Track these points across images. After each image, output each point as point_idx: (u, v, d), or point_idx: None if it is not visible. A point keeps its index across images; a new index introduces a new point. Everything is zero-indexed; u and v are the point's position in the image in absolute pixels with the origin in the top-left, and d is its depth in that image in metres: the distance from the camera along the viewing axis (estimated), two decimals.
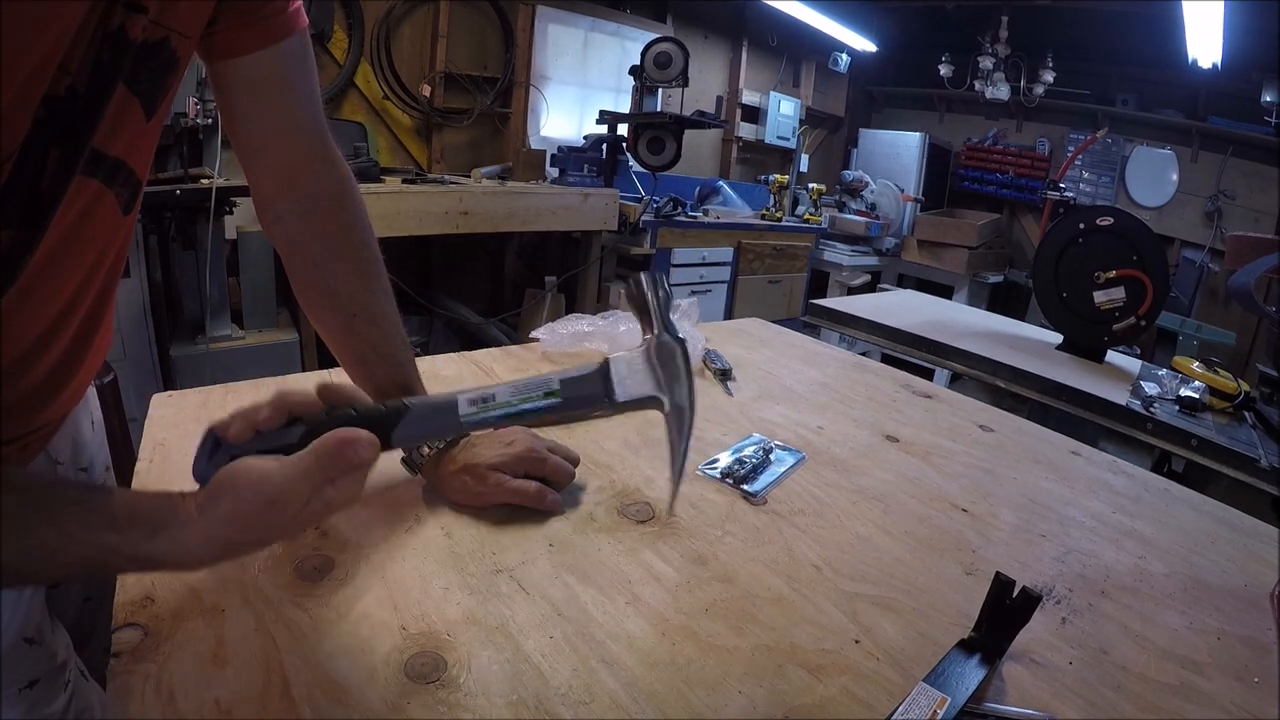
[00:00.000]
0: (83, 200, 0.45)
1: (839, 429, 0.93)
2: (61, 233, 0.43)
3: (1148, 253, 1.59)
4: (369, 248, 0.65)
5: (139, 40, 0.43)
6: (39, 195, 0.40)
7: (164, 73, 0.47)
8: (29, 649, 0.53)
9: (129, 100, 0.45)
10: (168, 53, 0.47)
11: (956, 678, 0.47)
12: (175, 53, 0.48)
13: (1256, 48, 3.61)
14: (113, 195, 0.47)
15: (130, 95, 0.45)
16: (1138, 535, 0.75)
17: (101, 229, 0.48)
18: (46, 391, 0.51)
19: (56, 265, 0.45)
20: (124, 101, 0.44)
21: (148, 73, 0.45)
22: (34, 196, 0.40)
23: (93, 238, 0.48)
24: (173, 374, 2.17)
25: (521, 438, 0.66)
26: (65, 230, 0.44)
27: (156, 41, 0.45)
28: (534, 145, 3.47)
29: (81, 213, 0.45)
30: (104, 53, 0.41)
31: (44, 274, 0.44)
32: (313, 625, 0.48)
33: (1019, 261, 4.82)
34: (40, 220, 0.41)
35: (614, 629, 0.51)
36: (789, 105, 4.74)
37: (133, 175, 0.49)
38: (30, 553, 0.35)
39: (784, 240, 3.87)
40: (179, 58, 0.48)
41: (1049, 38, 4.46)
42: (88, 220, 0.46)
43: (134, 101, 0.45)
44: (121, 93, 0.44)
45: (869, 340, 1.81)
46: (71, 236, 0.45)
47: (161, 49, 0.46)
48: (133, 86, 0.45)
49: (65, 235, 0.44)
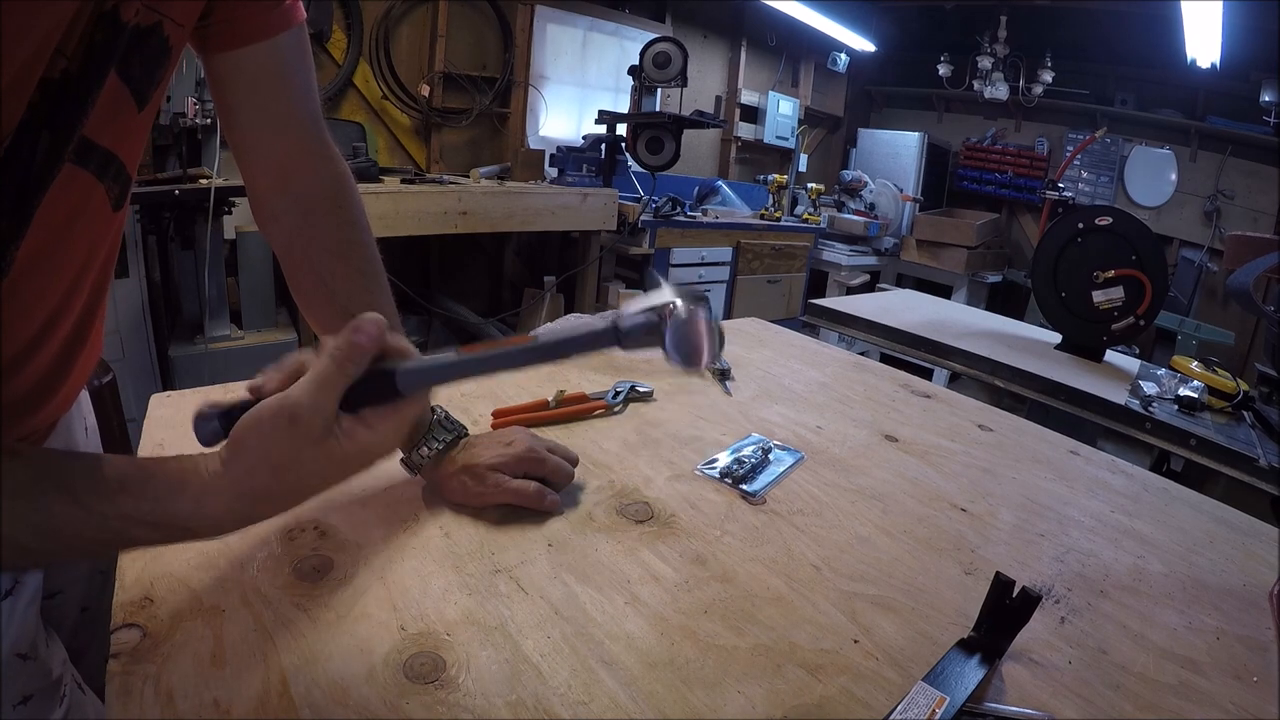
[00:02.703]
0: (74, 194, 0.44)
1: (838, 429, 0.93)
2: (52, 228, 0.43)
3: (1146, 252, 1.60)
4: (367, 246, 0.65)
5: (131, 24, 0.42)
6: (27, 182, 0.40)
7: (156, 62, 0.47)
8: (23, 664, 0.52)
9: (120, 88, 0.44)
10: (160, 40, 0.46)
11: (955, 677, 0.47)
12: (168, 41, 0.47)
13: (1255, 47, 3.62)
14: (103, 189, 0.47)
15: (122, 83, 0.44)
16: (1137, 535, 0.75)
17: (91, 225, 0.48)
18: (36, 397, 0.51)
19: (47, 262, 0.44)
20: (116, 89, 0.44)
21: (140, 60, 0.45)
22: (23, 183, 0.39)
23: (83, 234, 0.47)
24: (171, 374, 2.17)
25: (521, 438, 0.66)
26: (56, 225, 0.43)
27: (149, 27, 0.45)
28: (533, 145, 3.47)
29: (72, 207, 0.44)
30: (97, 33, 0.40)
31: (34, 270, 0.43)
32: (312, 625, 0.48)
33: (1018, 261, 4.82)
34: (26, 208, 0.40)
35: (613, 629, 0.51)
36: (788, 105, 4.74)
37: (123, 170, 0.48)
38: (42, 527, 0.34)
39: (783, 240, 3.87)
40: (171, 47, 0.48)
41: (1048, 37, 4.46)
42: (78, 216, 0.45)
43: (125, 90, 0.45)
44: (113, 80, 0.43)
45: (868, 340, 1.81)
46: (63, 232, 0.44)
47: (154, 35, 0.45)
48: (124, 74, 0.44)
49: (56, 231, 0.43)
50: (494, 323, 3.16)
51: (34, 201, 0.40)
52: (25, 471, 0.34)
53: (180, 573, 0.51)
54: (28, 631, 0.53)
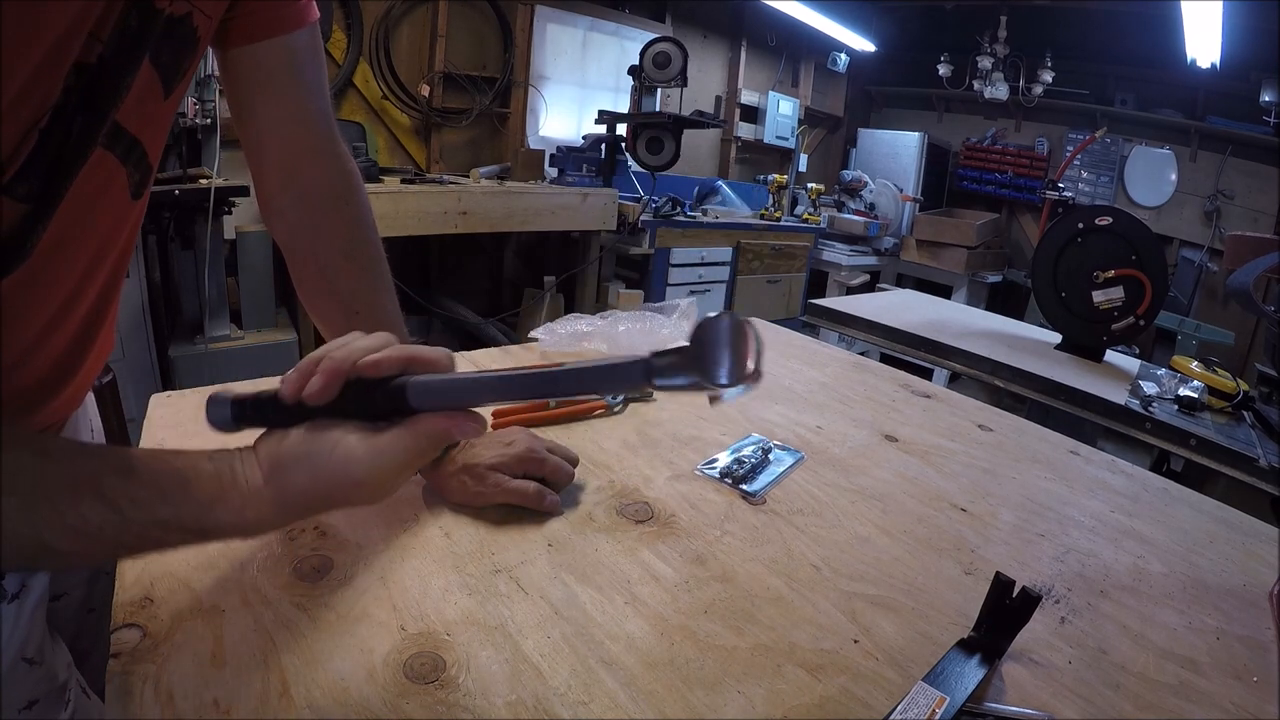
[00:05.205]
0: (97, 176, 0.44)
1: (838, 429, 0.93)
2: (72, 210, 0.43)
3: (1146, 252, 1.60)
4: (373, 245, 0.65)
5: (165, 11, 0.43)
6: (59, 165, 0.40)
7: (184, 50, 0.48)
8: (29, 669, 0.52)
9: (151, 75, 0.45)
10: (189, 29, 0.47)
11: (955, 677, 0.47)
12: (196, 30, 0.48)
13: (1255, 47, 3.62)
14: (125, 174, 0.47)
15: (152, 68, 0.45)
16: (1137, 535, 0.75)
17: (110, 210, 0.48)
18: (44, 391, 0.51)
19: (64, 246, 0.44)
20: (147, 76, 0.44)
21: (169, 47, 0.46)
22: (54, 166, 0.40)
23: (101, 219, 0.47)
24: (171, 374, 2.17)
25: (521, 438, 0.66)
26: (76, 207, 0.43)
27: (181, 16, 0.46)
28: (533, 145, 3.47)
29: (94, 190, 0.44)
30: (131, 19, 0.41)
31: (52, 255, 0.43)
32: (312, 625, 0.48)
33: (1018, 261, 4.82)
34: (56, 191, 0.40)
35: (613, 629, 0.50)
36: (788, 105, 4.74)
37: (145, 157, 0.49)
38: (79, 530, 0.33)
39: (783, 240, 3.87)
40: (199, 36, 0.49)
41: (1048, 37, 4.46)
42: (99, 199, 0.46)
43: (156, 77, 0.45)
44: (145, 66, 0.44)
45: (868, 340, 1.81)
46: (81, 215, 0.44)
47: (184, 24, 0.46)
48: (155, 60, 0.44)
49: (76, 213, 0.43)
50: (494, 323, 3.16)
51: (64, 184, 0.41)
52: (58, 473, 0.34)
53: (180, 573, 0.51)
54: (34, 636, 0.52)
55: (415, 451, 0.38)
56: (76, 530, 0.33)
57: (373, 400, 0.39)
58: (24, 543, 0.32)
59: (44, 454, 0.34)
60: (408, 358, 0.39)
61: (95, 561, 0.53)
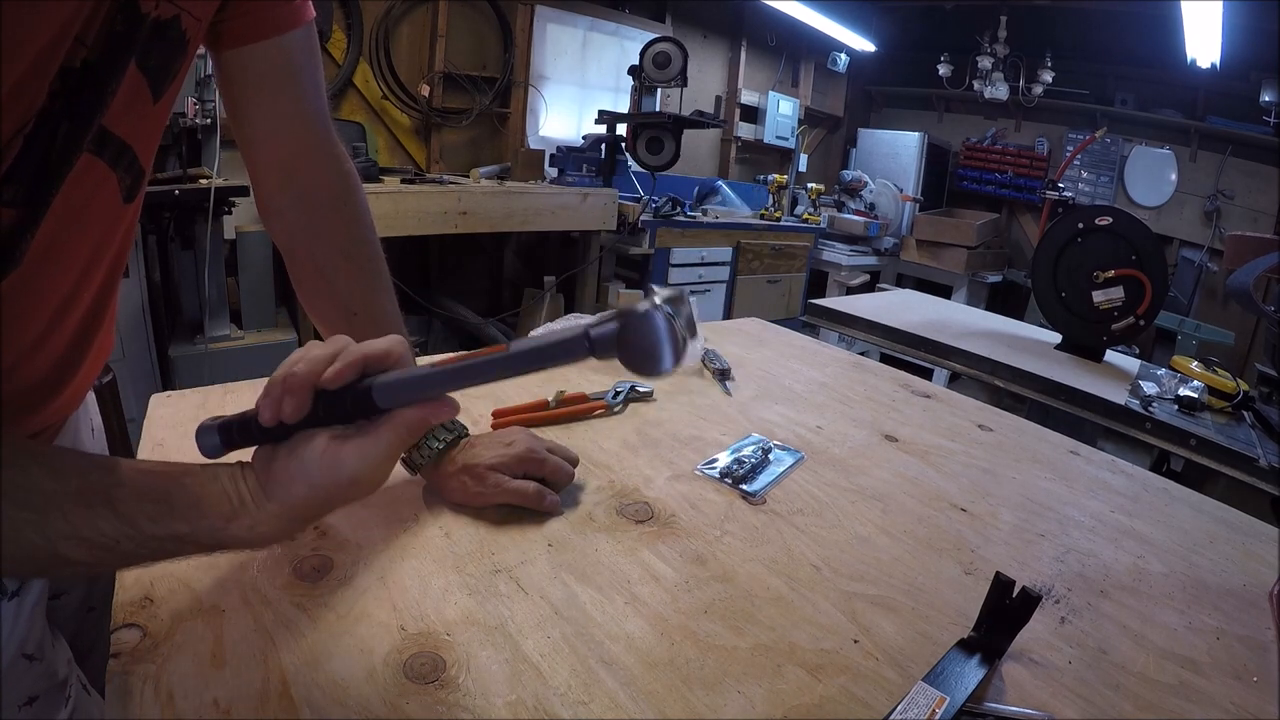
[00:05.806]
0: (86, 181, 0.44)
1: (838, 429, 0.93)
2: (62, 215, 0.43)
3: (1146, 252, 1.59)
4: (371, 245, 0.65)
5: (151, 15, 0.43)
6: (45, 170, 0.40)
7: (173, 53, 0.47)
8: (29, 665, 0.52)
9: (139, 79, 0.45)
10: (177, 32, 0.47)
11: (955, 677, 0.47)
12: (185, 33, 0.48)
13: (1255, 47, 3.62)
14: (116, 179, 0.47)
15: (140, 74, 0.45)
16: (1137, 535, 0.75)
17: (102, 214, 0.48)
18: (44, 393, 0.51)
19: (57, 251, 0.44)
20: (134, 80, 0.44)
21: (157, 51, 0.45)
22: (41, 171, 0.40)
23: (93, 223, 0.47)
24: (171, 374, 2.17)
25: (521, 438, 0.66)
26: (67, 212, 0.43)
27: (168, 20, 0.45)
28: (533, 145, 3.47)
29: (84, 195, 0.44)
30: (117, 24, 0.41)
31: (45, 260, 0.43)
32: (312, 625, 0.48)
33: (1018, 261, 4.82)
34: (43, 196, 0.41)
35: (613, 629, 0.51)
36: (788, 105, 4.74)
37: (136, 161, 0.49)
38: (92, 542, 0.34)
39: (783, 240, 3.87)
40: (189, 39, 0.48)
41: (1048, 37, 4.46)
42: (89, 204, 0.46)
43: (143, 81, 0.45)
44: (132, 71, 0.43)
45: (868, 340, 1.81)
46: (72, 220, 0.44)
47: (172, 28, 0.46)
48: (142, 64, 0.44)
49: (66, 218, 0.43)
50: (494, 323, 3.16)
51: (52, 190, 0.41)
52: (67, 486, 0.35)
53: (180, 573, 0.51)
54: (34, 632, 0.53)
55: (397, 443, 0.40)
56: (91, 543, 0.34)
57: (343, 406, 0.40)
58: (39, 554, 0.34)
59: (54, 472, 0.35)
60: (361, 360, 0.40)
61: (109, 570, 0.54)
